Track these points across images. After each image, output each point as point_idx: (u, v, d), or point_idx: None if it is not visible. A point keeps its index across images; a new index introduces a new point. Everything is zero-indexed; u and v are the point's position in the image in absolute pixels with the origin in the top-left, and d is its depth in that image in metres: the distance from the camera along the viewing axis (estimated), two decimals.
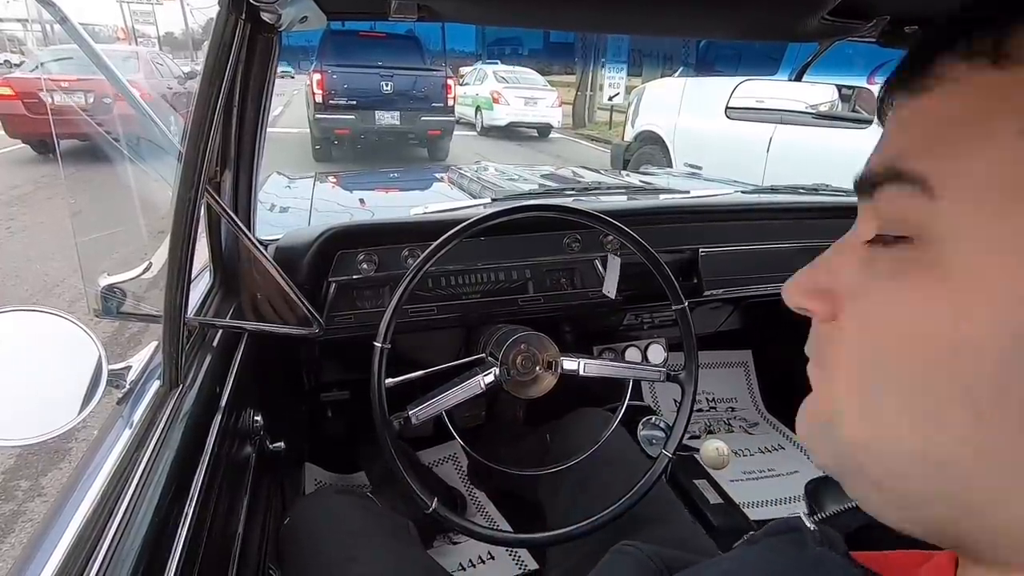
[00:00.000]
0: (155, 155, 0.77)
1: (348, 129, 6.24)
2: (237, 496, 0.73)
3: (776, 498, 1.36)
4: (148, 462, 0.52)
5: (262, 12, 0.57)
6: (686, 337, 0.82)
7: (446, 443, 1.47)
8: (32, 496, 1.66)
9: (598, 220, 0.82)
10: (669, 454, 0.79)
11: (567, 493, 0.89)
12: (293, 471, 1.23)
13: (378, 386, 0.73)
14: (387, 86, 6.24)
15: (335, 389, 1.32)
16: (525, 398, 0.82)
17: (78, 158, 1.33)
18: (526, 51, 17.70)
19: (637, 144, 4.70)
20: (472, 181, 1.62)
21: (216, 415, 0.66)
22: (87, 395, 0.59)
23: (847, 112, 1.19)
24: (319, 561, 0.74)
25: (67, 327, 0.60)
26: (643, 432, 1.25)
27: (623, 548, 0.59)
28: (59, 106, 4.53)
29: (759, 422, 1.66)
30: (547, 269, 1.05)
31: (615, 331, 1.38)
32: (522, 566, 1.17)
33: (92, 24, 24.08)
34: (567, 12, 0.67)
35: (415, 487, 0.73)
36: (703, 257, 1.15)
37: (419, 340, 1.10)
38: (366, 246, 0.95)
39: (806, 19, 0.60)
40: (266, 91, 0.73)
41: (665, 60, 11.54)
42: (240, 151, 0.77)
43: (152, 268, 0.69)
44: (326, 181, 1.68)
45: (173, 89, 6.58)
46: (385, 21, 0.61)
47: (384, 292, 0.98)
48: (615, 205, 1.32)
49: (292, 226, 1.04)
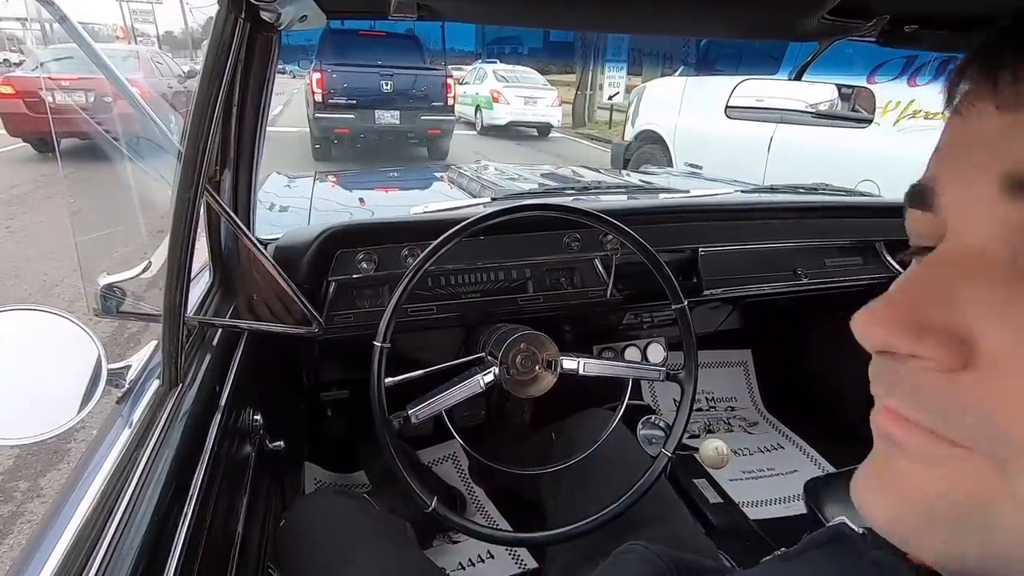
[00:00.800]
0: (155, 154, 0.77)
1: (348, 128, 6.24)
2: (237, 495, 0.73)
3: (775, 497, 1.36)
4: (148, 461, 0.52)
5: (262, 11, 0.57)
6: (686, 336, 0.82)
7: (446, 442, 1.47)
8: (31, 497, 1.66)
9: (598, 219, 0.82)
10: (668, 453, 0.79)
11: (568, 492, 0.89)
12: (293, 470, 1.23)
13: (378, 385, 0.73)
14: (387, 85, 6.24)
15: (335, 388, 1.33)
16: (525, 397, 0.82)
17: (78, 157, 1.33)
18: (526, 50, 17.71)
19: (637, 143, 4.70)
20: (472, 180, 1.62)
21: (216, 414, 0.66)
22: (86, 394, 0.59)
23: (847, 111, 1.19)
24: (316, 563, 0.74)
25: (66, 326, 0.60)
26: (643, 431, 1.25)
27: (631, 547, 0.59)
28: (59, 105, 4.53)
29: (758, 421, 1.66)
30: (547, 268, 1.05)
31: (615, 330, 1.38)
32: (522, 565, 1.17)
33: (91, 23, 24.05)
34: (567, 11, 0.67)
35: (415, 486, 0.73)
36: (703, 256, 1.15)
37: (419, 339, 1.10)
38: (366, 245, 0.95)
39: (806, 18, 0.60)
40: (266, 90, 0.73)
41: (665, 59, 11.53)
42: (240, 150, 0.77)
43: (152, 267, 0.69)
44: (326, 180, 1.68)
45: (173, 88, 6.58)
46: (385, 20, 0.61)
47: (384, 291, 0.99)
48: (615, 204, 1.32)
49: (292, 225, 1.04)
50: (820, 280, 1.22)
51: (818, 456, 1.49)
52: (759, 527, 1.22)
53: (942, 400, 0.19)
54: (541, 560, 1.13)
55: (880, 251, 1.27)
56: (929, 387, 0.20)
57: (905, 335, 0.20)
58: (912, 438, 0.20)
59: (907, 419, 0.20)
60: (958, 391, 0.19)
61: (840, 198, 1.40)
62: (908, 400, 0.20)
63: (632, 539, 0.61)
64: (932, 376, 0.19)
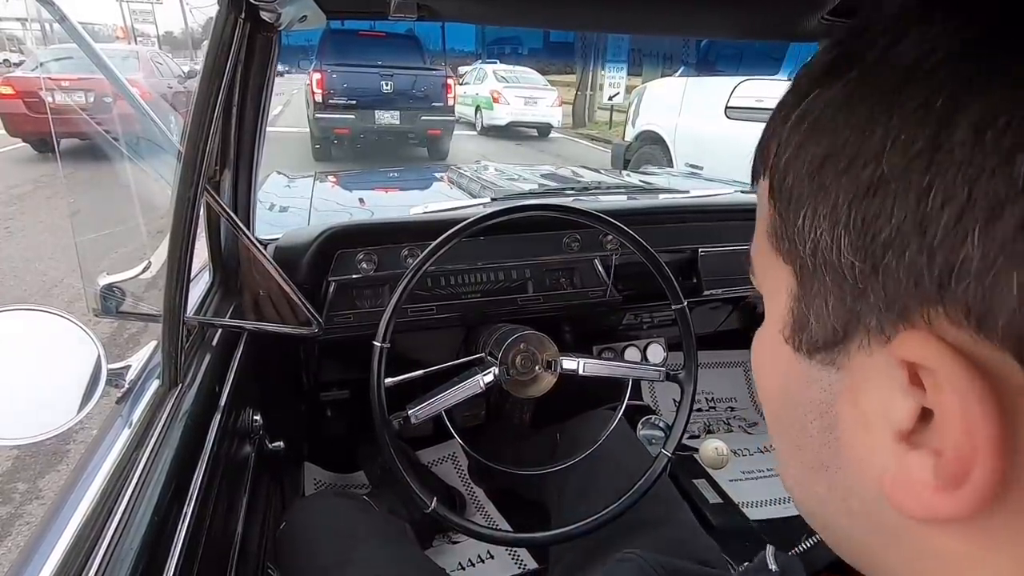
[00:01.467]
0: (155, 154, 0.77)
1: (348, 128, 6.23)
2: (236, 495, 0.73)
3: (775, 498, 1.36)
4: (147, 461, 0.52)
5: (261, 11, 0.57)
6: (685, 337, 0.82)
7: (445, 442, 1.47)
8: (30, 499, 1.65)
9: (598, 220, 0.82)
10: (668, 454, 0.79)
11: (569, 492, 0.89)
12: (292, 470, 1.23)
13: (378, 386, 0.73)
14: (387, 85, 6.23)
15: (334, 388, 1.33)
16: (524, 397, 0.82)
17: (78, 157, 1.33)
18: (526, 50, 17.69)
19: (638, 144, 4.70)
20: (472, 180, 1.62)
21: (215, 414, 0.66)
22: (86, 394, 0.59)
23: None
24: (315, 564, 0.74)
25: (66, 326, 0.60)
26: (642, 432, 1.25)
27: (625, 555, 0.59)
28: (59, 105, 4.53)
29: (758, 422, 1.66)
30: (547, 269, 1.05)
31: (615, 331, 1.38)
32: (522, 565, 1.17)
33: (91, 23, 24.06)
34: (567, 11, 0.67)
35: (414, 487, 0.73)
36: (702, 257, 1.15)
37: (419, 340, 1.10)
38: (365, 245, 0.95)
39: (806, 19, 0.60)
40: (266, 90, 0.73)
41: (665, 60, 11.52)
42: (239, 150, 0.77)
43: (151, 267, 0.69)
44: (326, 180, 1.68)
45: (173, 88, 6.58)
46: (385, 20, 0.61)
47: (383, 291, 0.98)
48: (615, 205, 1.32)
49: (291, 225, 1.04)
50: None
51: None
52: (759, 527, 1.22)
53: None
54: (541, 560, 1.13)
55: None
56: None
57: None
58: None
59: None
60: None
61: None
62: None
63: (635, 540, 0.61)
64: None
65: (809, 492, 0.22)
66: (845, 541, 0.22)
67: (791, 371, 0.21)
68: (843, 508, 0.21)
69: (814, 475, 0.21)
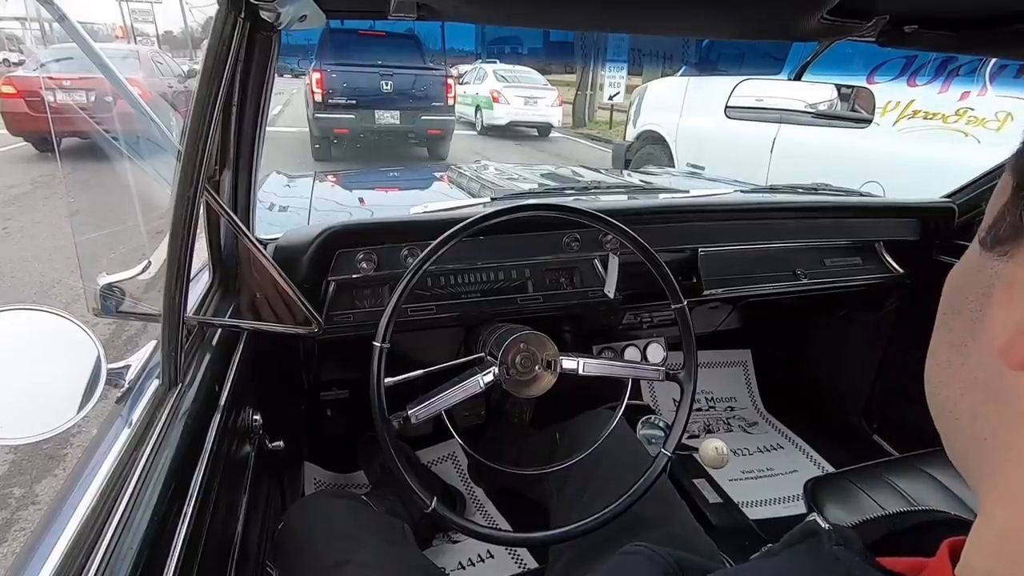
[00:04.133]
0: (154, 154, 0.77)
1: (348, 128, 6.23)
2: (236, 495, 0.73)
3: (775, 497, 1.37)
4: (147, 461, 0.52)
5: (261, 10, 0.57)
6: (685, 336, 0.82)
7: (445, 442, 1.47)
8: (26, 504, 1.64)
9: (598, 219, 0.82)
10: (668, 453, 0.79)
11: (568, 492, 0.89)
12: (292, 470, 1.23)
13: (377, 385, 0.73)
14: (387, 85, 6.23)
15: (334, 388, 1.33)
16: (524, 397, 0.82)
17: (78, 157, 1.33)
18: (526, 50, 17.70)
19: (639, 144, 4.69)
20: (472, 180, 1.62)
21: (215, 414, 0.66)
22: (86, 394, 0.59)
23: (846, 111, 1.18)
24: (315, 563, 0.74)
25: (66, 326, 0.60)
26: (642, 431, 1.26)
27: (634, 548, 0.58)
28: (60, 105, 4.53)
29: (758, 421, 1.66)
30: (547, 268, 1.05)
31: (614, 330, 1.38)
32: (521, 565, 1.17)
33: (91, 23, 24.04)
34: (567, 11, 0.67)
35: (414, 486, 0.73)
36: (702, 257, 1.15)
37: (418, 339, 1.10)
38: (365, 245, 0.95)
39: (806, 19, 0.60)
40: (265, 90, 0.73)
41: (665, 59, 11.53)
42: (239, 150, 0.77)
43: (151, 267, 0.69)
44: (325, 180, 1.68)
45: (173, 88, 6.58)
46: (384, 20, 0.61)
47: (383, 291, 0.98)
48: (615, 204, 1.32)
49: (291, 225, 1.03)
50: (820, 280, 1.22)
51: (817, 456, 1.49)
52: (759, 527, 1.22)
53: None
54: (541, 560, 1.13)
55: (879, 251, 1.27)
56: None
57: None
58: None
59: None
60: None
61: (840, 198, 1.40)
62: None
63: (634, 539, 0.61)
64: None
65: (944, 373, 0.26)
66: (958, 426, 0.25)
67: (970, 263, 0.25)
68: (970, 379, 0.24)
69: (954, 352, 0.25)
